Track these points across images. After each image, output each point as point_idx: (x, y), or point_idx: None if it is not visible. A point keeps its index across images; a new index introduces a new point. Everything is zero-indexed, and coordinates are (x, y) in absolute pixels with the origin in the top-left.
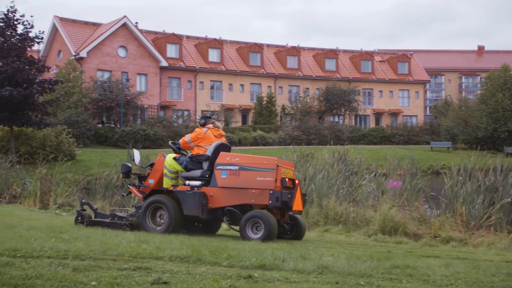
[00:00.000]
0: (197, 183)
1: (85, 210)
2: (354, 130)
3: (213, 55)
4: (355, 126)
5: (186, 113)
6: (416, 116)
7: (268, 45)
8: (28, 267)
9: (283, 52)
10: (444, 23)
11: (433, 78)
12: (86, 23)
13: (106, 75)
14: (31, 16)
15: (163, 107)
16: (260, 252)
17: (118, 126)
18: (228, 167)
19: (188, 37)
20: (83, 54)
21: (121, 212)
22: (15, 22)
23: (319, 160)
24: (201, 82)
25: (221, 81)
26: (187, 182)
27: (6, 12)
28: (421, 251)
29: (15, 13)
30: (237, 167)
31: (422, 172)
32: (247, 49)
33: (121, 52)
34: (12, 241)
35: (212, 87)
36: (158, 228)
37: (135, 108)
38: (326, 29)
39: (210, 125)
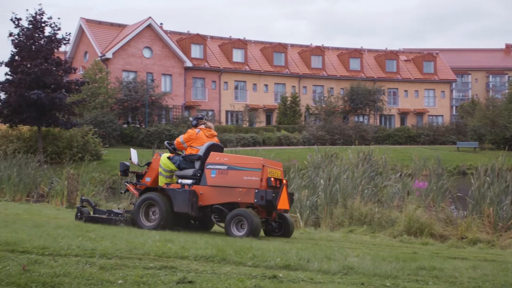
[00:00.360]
0: (189, 181)
1: (85, 206)
2: (379, 130)
3: (237, 55)
4: (380, 126)
5: (210, 113)
6: (442, 116)
7: (292, 45)
8: (56, 265)
9: (307, 52)
10: (470, 21)
11: (459, 77)
12: (111, 24)
13: (131, 75)
14: (58, 18)
15: (188, 107)
16: (285, 252)
17: (143, 126)
18: (217, 167)
19: (212, 37)
20: (108, 55)
21: (118, 208)
22: (43, 25)
23: (343, 160)
24: (225, 82)
25: (245, 81)
26: (179, 180)
27: (34, 15)
28: (447, 253)
29: (42, 15)
30: (225, 167)
31: (448, 173)
32: (271, 49)
33: (146, 53)
34: (41, 239)
35: (236, 87)
36: (150, 224)
37: (160, 108)
38: (350, 29)
39: (202, 126)
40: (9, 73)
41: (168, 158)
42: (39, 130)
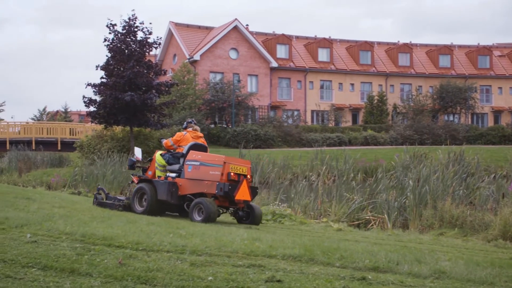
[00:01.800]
0: (173, 174)
1: (100, 193)
2: (470, 129)
3: (323, 55)
4: (471, 125)
5: (296, 113)
6: None
7: (378, 43)
8: (149, 260)
9: (394, 50)
10: None
11: None
12: (199, 27)
13: (218, 76)
14: (150, 23)
15: (273, 107)
16: (373, 254)
17: (230, 126)
18: (192, 163)
19: (297, 37)
20: (196, 57)
21: (121, 195)
22: (135, 29)
23: (433, 161)
24: (311, 82)
25: (331, 81)
26: (167, 173)
27: (127, 20)
28: None
29: (135, 20)
30: (198, 163)
31: None
32: (357, 47)
33: (233, 54)
34: (135, 235)
35: (322, 87)
36: (141, 209)
37: (246, 109)
38: (438, 25)
39: (190, 129)
40: (104, 76)
41: (161, 155)
42: (131, 131)
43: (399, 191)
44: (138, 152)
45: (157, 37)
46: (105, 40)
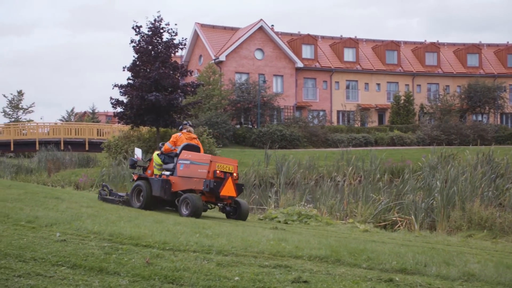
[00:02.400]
0: (167, 173)
1: (104, 190)
2: (500, 130)
3: (349, 55)
4: (501, 125)
5: (321, 113)
6: None
7: (405, 42)
8: (176, 259)
9: (421, 49)
10: None
11: None
12: (224, 28)
13: (244, 77)
14: (175, 24)
15: (299, 107)
16: (401, 256)
17: (255, 126)
18: (184, 162)
19: (323, 37)
20: (222, 58)
21: (122, 192)
22: (161, 31)
23: (461, 162)
24: (337, 82)
25: (356, 81)
26: (163, 172)
27: (153, 22)
28: None
29: (161, 22)
30: (189, 162)
31: None
32: (383, 47)
33: (258, 55)
34: (161, 235)
35: (347, 87)
36: (138, 204)
37: (272, 109)
38: (466, 23)
39: (185, 131)
40: (131, 77)
41: (158, 155)
42: (158, 131)
43: (426, 192)
44: (138, 152)
45: (183, 38)
46: (131, 41)
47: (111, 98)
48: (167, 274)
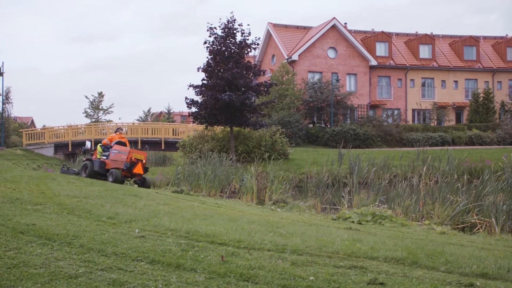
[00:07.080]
0: (105, 157)
1: (64, 167)
2: None
3: (424, 51)
4: None
5: (396, 112)
6: None
7: (484, 37)
8: (251, 258)
9: (502, 44)
10: None
11: None
12: (297, 27)
13: (317, 76)
14: (248, 25)
15: (373, 106)
16: (481, 260)
17: (328, 126)
18: (114, 151)
19: (397, 34)
20: (294, 57)
21: (75, 169)
22: (234, 31)
23: None
24: (412, 80)
25: (433, 78)
26: (102, 157)
27: (226, 23)
28: None
29: (234, 23)
30: (117, 151)
31: None
32: (461, 43)
33: (331, 53)
34: (236, 233)
35: (423, 85)
36: (85, 175)
37: (345, 108)
38: None
39: (117, 132)
40: (205, 78)
41: (100, 146)
42: (231, 131)
43: (508, 194)
44: (88, 144)
45: (256, 37)
46: (205, 42)
47: (186, 98)
48: (242, 272)
